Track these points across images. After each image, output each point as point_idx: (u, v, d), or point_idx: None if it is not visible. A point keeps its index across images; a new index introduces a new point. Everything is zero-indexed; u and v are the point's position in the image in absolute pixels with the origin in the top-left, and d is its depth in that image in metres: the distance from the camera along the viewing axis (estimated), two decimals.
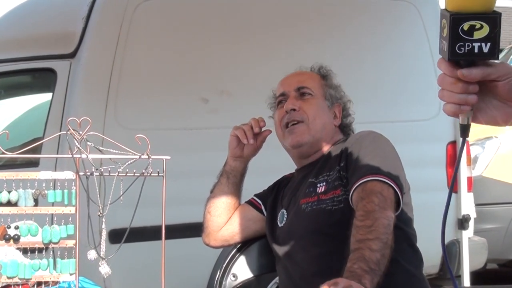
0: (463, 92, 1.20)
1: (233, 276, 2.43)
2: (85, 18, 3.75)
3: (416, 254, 2.20)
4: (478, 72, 1.19)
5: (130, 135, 1.69)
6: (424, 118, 4.31)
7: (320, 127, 2.31)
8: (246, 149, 2.42)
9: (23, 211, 1.65)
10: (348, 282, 1.50)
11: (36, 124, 4.03)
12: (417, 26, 4.30)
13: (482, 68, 1.19)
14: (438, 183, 4.27)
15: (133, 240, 3.29)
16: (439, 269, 4.25)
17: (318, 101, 2.33)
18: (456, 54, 1.17)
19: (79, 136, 1.60)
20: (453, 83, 1.20)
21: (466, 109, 1.21)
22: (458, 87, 1.20)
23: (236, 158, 2.43)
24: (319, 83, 2.38)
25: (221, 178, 2.46)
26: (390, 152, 2.16)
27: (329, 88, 2.39)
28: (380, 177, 1.99)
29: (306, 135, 2.29)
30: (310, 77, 2.40)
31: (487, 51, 1.17)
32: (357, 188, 2.00)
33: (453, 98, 1.21)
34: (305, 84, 2.35)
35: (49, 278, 1.66)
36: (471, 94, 1.20)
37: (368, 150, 2.11)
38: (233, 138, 2.42)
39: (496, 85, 1.22)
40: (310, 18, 4.19)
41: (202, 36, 3.92)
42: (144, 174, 1.64)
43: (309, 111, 2.30)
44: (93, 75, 3.74)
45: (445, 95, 1.22)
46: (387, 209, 1.91)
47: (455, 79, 1.20)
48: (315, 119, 2.30)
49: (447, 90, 1.22)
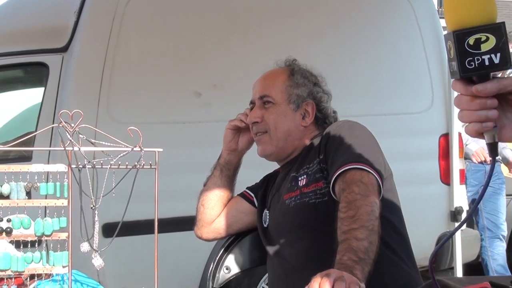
0: (482, 109, 1.16)
1: (226, 269, 2.44)
2: (77, 12, 3.74)
3: (403, 241, 2.17)
4: (493, 86, 1.15)
5: (123, 128, 1.69)
6: (417, 111, 4.32)
7: (283, 135, 2.30)
8: (240, 142, 2.43)
9: (15, 204, 1.65)
10: (340, 273, 1.51)
11: (28, 118, 4.02)
12: (410, 20, 4.31)
13: (497, 81, 1.15)
14: (431, 175, 4.29)
15: (127, 233, 3.31)
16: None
17: (279, 109, 2.31)
18: (467, 70, 1.14)
19: (71, 128, 1.59)
20: (470, 101, 1.16)
21: (489, 126, 1.17)
22: (475, 104, 1.16)
23: (231, 152, 2.44)
24: (283, 85, 2.33)
25: (214, 171, 2.47)
26: (366, 138, 2.14)
27: (294, 88, 2.33)
28: (358, 164, 1.98)
29: (269, 145, 2.31)
30: (273, 82, 2.35)
31: (498, 61, 1.14)
32: (337, 180, 1.99)
33: (473, 116, 1.17)
34: (266, 92, 2.33)
35: (42, 271, 1.66)
36: (491, 110, 1.16)
37: (344, 139, 2.10)
38: (229, 131, 2.43)
39: None
40: (304, 12, 4.19)
41: (194, 30, 3.91)
42: (136, 166, 1.64)
43: (270, 121, 2.30)
44: (85, 69, 3.73)
45: (465, 115, 1.18)
46: (369, 195, 1.89)
47: (471, 97, 1.16)
48: (276, 129, 2.30)
49: (466, 109, 1.18)
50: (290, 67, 2.39)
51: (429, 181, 4.26)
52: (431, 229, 4.20)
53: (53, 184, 1.64)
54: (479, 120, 1.17)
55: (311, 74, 2.39)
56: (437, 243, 4.25)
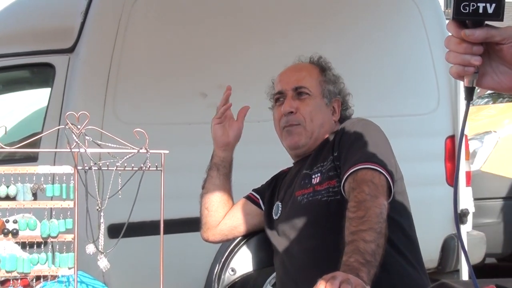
0: (467, 53, 1.21)
1: (232, 271, 2.43)
2: (83, 12, 3.74)
3: (412, 244, 2.17)
4: (481, 33, 1.19)
5: (129, 129, 1.69)
6: (423, 113, 4.31)
7: (318, 128, 2.31)
8: (231, 133, 2.41)
9: (21, 205, 1.65)
10: (345, 275, 1.50)
11: (34, 119, 4.03)
12: (417, 22, 4.31)
13: (486, 30, 1.20)
14: (437, 177, 4.28)
15: (132, 234, 3.30)
16: (438, 263, 4.26)
17: (315, 101, 2.32)
18: (461, 13, 1.19)
19: (78, 130, 1.59)
20: (458, 44, 1.22)
21: (470, 71, 1.22)
22: (462, 48, 1.21)
23: (225, 146, 2.42)
24: (317, 80, 2.36)
25: (210, 172, 2.45)
26: (379, 138, 2.14)
27: (327, 84, 2.36)
28: (370, 164, 1.98)
29: (303, 137, 2.30)
30: (308, 74, 2.37)
31: (492, 11, 1.18)
32: (348, 178, 1.99)
33: (457, 59, 1.22)
34: (302, 83, 2.33)
35: (48, 272, 1.66)
36: (475, 56, 1.21)
37: (358, 138, 2.10)
38: (216, 126, 2.42)
39: (501, 49, 1.22)
40: (309, 12, 4.19)
41: (200, 30, 3.91)
42: (142, 168, 1.64)
43: (306, 113, 2.30)
44: (91, 70, 3.74)
45: (451, 56, 1.23)
46: (378, 196, 1.89)
47: (459, 39, 1.21)
48: (312, 121, 2.30)
49: (453, 51, 1.23)
50: (319, 64, 2.41)
51: (435, 183, 4.25)
52: (436, 231, 4.19)
53: (59, 185, 1.64)
54: (462, 63, 1.22)
55: (338, 74, 2.43)
56: (443, 246, 4.24)
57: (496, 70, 1.25)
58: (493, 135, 5.56)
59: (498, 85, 1.26)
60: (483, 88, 1.29)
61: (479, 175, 5.23)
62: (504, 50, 1.22)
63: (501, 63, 1.24)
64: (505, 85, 1.26)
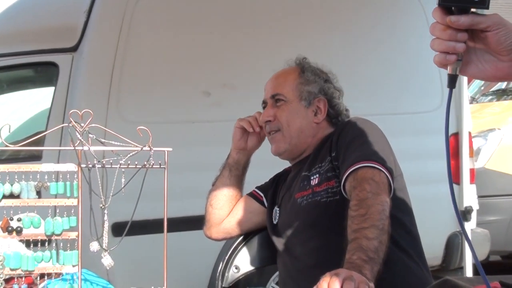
0: (451, 39, 1.21)
1: (236, 268, 2.44)
2: (86, 11, 3.75)
3: (414, 241, 2.17)
4: (466, 20, 1.19)
5: (132, 128, 1.69)
6: (427, 110, 4.31)
7: (296, 133, 2.30)
8: (250, 141, 2.43)
9: (25, 203, 1.66)
10: (349, 272, 1.50)
11: (38, 117, 4.04)
12: (420, 19, 4.30)
13: (472, 16, 1.19)
14: (441, 175, 4.24)
15: (136, 233, 3.29)
16: (442, 261, 4.26)
17: (291, 106, 2.32)
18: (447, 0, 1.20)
19: (81, 128, 1.60)
20: (442, 30, 1.21)
21: (451, 59, 1.23)
22: (446, 34, 1.21)
23: (240, 151, 2.44)
24: (294, 83, 2.33)
25: (223, 171, 2.47)
26: (377, 136, 2.14)
27: (304, 85, 2.33)
28: (369, 162, 1.98)
29: (282, 143, 2.31)
30: (284, 80, 2.36)
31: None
32: (348, 177, 1.99)
33: (442, 45, 1.22)
34: (278, 90, 2.34)
35: (52, 270, 1.67)
36: (460, 43, 1.21)
37: (356, 137, 2.11)
38: (238, 130, 2.43)
39: (486, 36, 1.22)
40: (314, 11, 4.19)
41: (204, 28, 3.92)
42: (146, 166, 1.64)
43: (282, 119, 2.31)
44: (95, 69, 3.74)
45: (435, 43, 1.23)
46: (380, 194, 1.89)
47: (444, 26, 1.21)
48: (289, 126, 2.30)
49: (437, 37, 1.23)
50: (300, 65, 2.39)
51: (439, 180, 4.22)
52: (440, 228, 4.18)
53: (63, 183, 1.65)
54: (447, 50, 1.22)
55: (321, 71, 2.39)
56: (447, 243, 4.24)
57: (480, 58, 1.25)
58: (497, 132, 5.55)
59: (482, 73, 1.27)
60: (466, 76, 1.30)
61: (483, 172, 5.23)
62: (489, 37, 1.21)
63: (486, 51, 1.24)
64: (489, 74, 1.26)
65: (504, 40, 1.21)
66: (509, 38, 1.21)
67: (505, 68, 1.24)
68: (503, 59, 1.23)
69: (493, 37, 1.21)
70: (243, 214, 2.44)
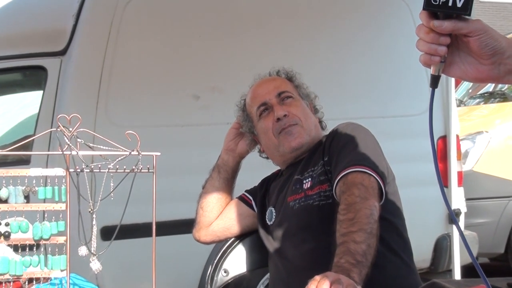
0: (434, 42, 1.27)
1: (225, 272, 2.44)
2: (75, 15, 3.74)
3: (405, 244, 2.18)
4: (449, 25, 1.25)
5: (121, 132, 1.69)
6: (415, 113, 4.32)
7: (312, 125, 2.33)
8: (240, 144, 2.44)
9: (13, 208, 1.65)
10: (336, 275, 1.51)
11: (27, 121, 4.02)
12: (408, 23, 4.32)
13: (454, 22, 1.25)
14: (430, 178, 4.26)
15: (125, 237, 3.30)
16: (430, 263, 4.28)
17: (300, 102, 2.35)
18: (431, 5, 1.25)
19: (69, 133, 1.60)
20: (426, 33, 1.28)
21: (435, 60, 1.29)
22: (429, 37, 1.28)
23: (229, 152, 2.45)
24: (291, 85, 2.40)
25: (213, 172, 2.48)
26: (369, 141, 2.15)
27: (299, 88, 2.41)
28: (360, 167, 1.99)
29: (304, 134, 2.29)
30: (282, 81, 2.40)
31: (461, 5, 1.23)
32: (339, 182, 2.00)
33: (425, 47, 1.29)
34: (282, 88, 2.36)
35: (40, 275, 1.67)
36: (442, 46, 1.28)
37: (348, 142, 2.12)
38: (232, 130, 2.45)
39: (468, 41, 1.28)
40: (302, 14, 4.20)
41: (193, 32, 3.91)
42: (134, 170, 1.64)
43: (298, 113, 2.31)
44: (83, 73, 3.73)
45: (420, 44, 1.30)
46: (369, 198, 1.89)
47: (429, 29, 1.27)
48: (306, 120, 2.32)
49: (422, 39, 1.29)
50: (285, 73, 2.45)
51: (427, 183, 4.24)
52: (429, 231, 4.20)
53: (51, 188, 1.65)
54: (429, 52, 1.29)
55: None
56: (435, 246, 4.25)
57: (463, 60, 1.31)
58: (485, 135, 5.58)
59: (464, 74, 1.33)
60: (450, 76, 1.36)
61: (471, 175, 5.25)
62: (471, 42, 1.27)
63: (468, 54, 1.30)
64: (471, 75, 1.32)
65: (485, 45, 1.27)
66: (490, 44, 1.27)
67: (485, 71, 1.30)
68: (484, 62, 1.29)
69: (475, 42, 1.27)
70: (233, 217, 2.44)
